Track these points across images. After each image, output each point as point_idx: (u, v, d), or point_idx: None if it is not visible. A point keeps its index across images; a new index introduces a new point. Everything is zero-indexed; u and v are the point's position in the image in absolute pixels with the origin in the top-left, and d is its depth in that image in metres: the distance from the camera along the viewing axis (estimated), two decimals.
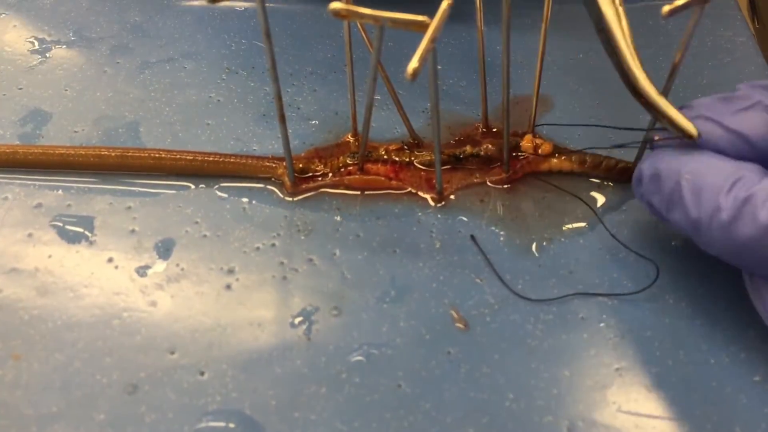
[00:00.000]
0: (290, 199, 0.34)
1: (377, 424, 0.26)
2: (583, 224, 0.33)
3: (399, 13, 0.26)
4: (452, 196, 0.34)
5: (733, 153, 0.28)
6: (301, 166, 0.34)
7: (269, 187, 0.34)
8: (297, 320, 0.29)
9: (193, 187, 0.34)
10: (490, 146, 0.34)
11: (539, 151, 0.35)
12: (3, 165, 0.34)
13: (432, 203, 0.34)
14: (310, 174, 0.34)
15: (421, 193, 0.34)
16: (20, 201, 0.33)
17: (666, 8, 0.26)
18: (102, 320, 0.29)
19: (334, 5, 0.26)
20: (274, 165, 0.34)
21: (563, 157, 0.35)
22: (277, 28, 0.43)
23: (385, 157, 0.35)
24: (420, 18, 0.26)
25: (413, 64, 0.25)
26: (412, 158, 0.35)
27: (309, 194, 0.34)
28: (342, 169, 0.34)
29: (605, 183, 0.35)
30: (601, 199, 0.34)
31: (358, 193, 0.34)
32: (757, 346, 0.29)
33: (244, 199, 0.34)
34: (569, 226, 0.33)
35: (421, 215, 0.33)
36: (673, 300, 0.30)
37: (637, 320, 0.30)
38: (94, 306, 0.29)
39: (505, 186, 0.34)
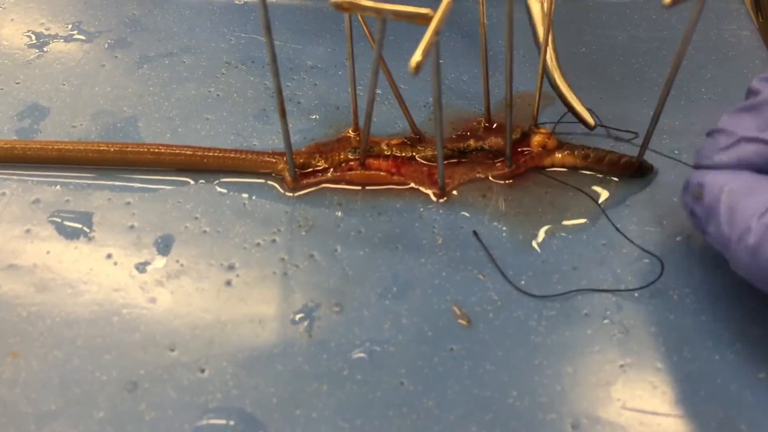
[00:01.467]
0: (291, 194, 0.33)
1: (379, 421, 0.26)
2: (586, 220, 0.33)
3: (401, 6, 0.25)
4: (454, 192, 0.34)
5: None
6: (301, 161, 0.34)
7: (270, 182, 0.34)
8: (298, 317, 0.29)
9: (192, 182, 0.34)
10: (494, 138, 0.34)
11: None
12: (0, 160, 0.34)
13: (434, 199, 0.33)
14: (311, 169, 0.34)
15: (422, 189, 0.34)
16: (18, 197, 0.33)
17: None
18: (101, 317, 0.29)
19: None
20: (274, 160, 0.34)
21: (566, 152, 0.34)
22: (277, 21, 0.42)
23: (387, 152, 0.34)
24: (423, 10, 0.25)
25: (416, 57, 0.24)
26: (414, 153, 0.34)
27: (310, 190, 0.34)
28: (343, 165, 0.34)
29: (608, 178, 0.34)
30: (604, 194, 0.34)
31: (360, 188, 0.34)
32: (762, 343, 0.28)
33: (244, 195, 0.33)
34: (572, 221, 0.33)
35: (423, 211, 0.33)
36: (677, 296, 0.30)
37: (642, 316, 0.29)
38: (93, 302, 0.29)
39: (508, 181, 0.34)
